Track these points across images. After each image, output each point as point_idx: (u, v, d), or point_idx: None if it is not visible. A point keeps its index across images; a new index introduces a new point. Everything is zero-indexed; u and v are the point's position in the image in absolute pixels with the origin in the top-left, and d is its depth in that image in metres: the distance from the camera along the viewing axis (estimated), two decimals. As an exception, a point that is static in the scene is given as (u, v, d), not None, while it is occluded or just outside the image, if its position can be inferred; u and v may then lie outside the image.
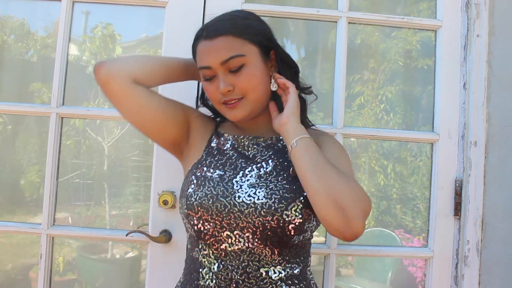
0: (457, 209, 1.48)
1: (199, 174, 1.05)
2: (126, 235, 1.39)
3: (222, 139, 1.12)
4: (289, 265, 1.02)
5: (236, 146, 1.10)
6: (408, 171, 2.40)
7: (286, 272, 1.01)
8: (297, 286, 1.03)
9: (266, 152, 1.08)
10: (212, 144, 1.12)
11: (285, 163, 1.05)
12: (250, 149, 1.09)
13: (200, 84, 1.28)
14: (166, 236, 1.40)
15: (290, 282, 1.02)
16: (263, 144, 1.09)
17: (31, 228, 1.47)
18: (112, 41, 2.04)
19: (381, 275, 2.23)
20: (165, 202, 1.39)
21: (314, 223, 1.04)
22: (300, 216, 0.98)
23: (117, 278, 2.12)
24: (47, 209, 1.44)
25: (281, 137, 1.09)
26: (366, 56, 2.12)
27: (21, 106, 1.51)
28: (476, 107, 1.47)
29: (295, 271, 1.03)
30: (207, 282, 1.01)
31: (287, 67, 1.10)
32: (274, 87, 1.06)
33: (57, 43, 1.44)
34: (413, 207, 2.34)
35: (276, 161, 1.05)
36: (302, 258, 1.05)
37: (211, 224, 1.00)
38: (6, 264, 2.10)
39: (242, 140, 1.11)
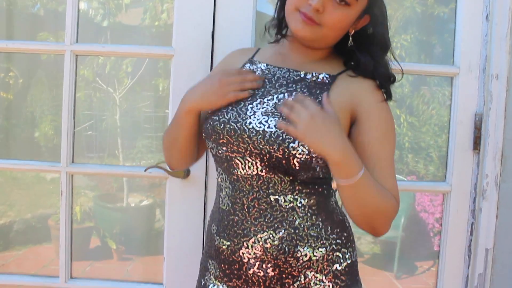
0: (476, 143, 1.44)
1: None
2: (145, 171, 1.38)
3: (255, 66, 1.07)
4: (302, 195, 0.98)
5: (266, 74, 1.05)
6: (420, 122, 2.36)
7: (298, 202, 0.98)
8: (313, 217, 0.98)
9: (294, 86, 1.01)
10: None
11: (310, 98, 0.97)
12: (280, 79, 1.03)
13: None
14: (184, 171, 1.38)
15: (304, 211, 0.98)
16: (295, 78, 1.03)
17: (50, 166, 1.46)
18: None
19: (393, 222, 2.23)
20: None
21: (326, 164, 0.95)
22: (307, 152, 0.93)
23: (133, 225, 2.13)
24: (66, 147, 1.42)
25: (318, 74, 1.02)
26: (381, 2, 2.04)
27: (35, 44, 1.47)
28: (498, 39, 1.41)
29: (311, 201, 0.98)
30: (225, 206, 1.02)
31: (370, 42, 1.02)
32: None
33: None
34: (426, 156, 2.31)
35: (300, 93, 1.00)
36: (320, 189, 1.00)
37: (224, 148, 0.99)
38: (25, 213, 2.12)
39: (274, 70, 1.05)
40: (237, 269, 1.00)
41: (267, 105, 0.98)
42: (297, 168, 0.94)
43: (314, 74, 1.02)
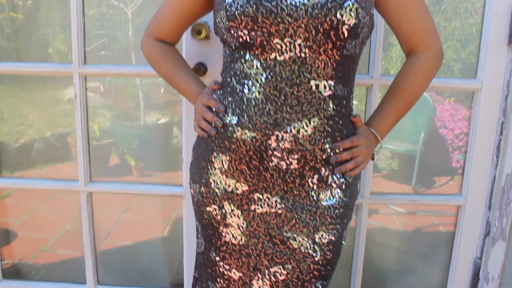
0: (513, 36, 1.29)
1: None
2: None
3: None
4: (339, 84, 0.91)
5: None
6: (442, 38, 2.20)
7: (335, 90, 0.91)
8: (342, 109, 0.94)
9: None
10: None
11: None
12: None
13: None
14: (202, 68, 1.27)
15: (337, 102, 0.92)
16: None
17: (63, 68, 1.36)
18: None
19: (413, 137, 2.13)
20: (199, 32, 1.24)
21: (367, 28, 0.92)
22: (355, 16, 0.85)
23: (151, 143, 2.08)
24: (76, 46, 1.31)
25: None
26: None
27: None
28: None
29: (345, 92, 0.93)
30: (254, 95, 0.90)
31: None
32: None
33: None
34: (447, 69, 2.17)
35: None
36: (348, 80, 0.95)
37: (258, 32, 0.87)
38: (44, 132, 2.07)
39: None
40: (257, 161, 0.93)
41: None
42: (346, 36, 0.86)
43: None
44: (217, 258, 1.03)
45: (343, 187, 0.95)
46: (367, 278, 1.57)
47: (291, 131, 0.89)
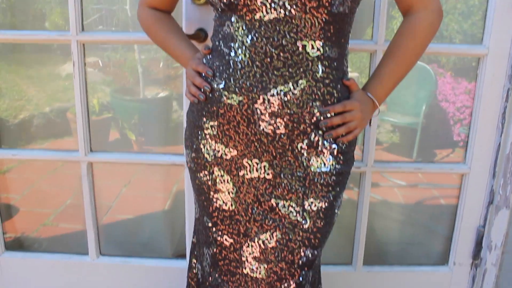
0: (520, -1, 1.25)
1: None
2: (160, 33, 1.23)
3: None
4: (328, 43, 0.87)
5: None
6: (444, 13, 2.16)
7: (324, 51, 0.87)
8: (333, 71, 0.89)
9: None
10: None
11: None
12: None
13: None
14: (202, 34, 1.23)
15: (326, 63, 0.88)
16: None
17: (60, 36, 1.32)
18: None
19: (414, 109, 2.09)
20: (199, -3, 1.20)
21: None
22: None
23: (151, 117, 2.05)
24: (74, 13, 1.27)
25: None
26: None
27: None
28: None
29: (335, 54, 0.89)
30: (240, 57, 0.88)
31: None
32: None
33: None
34: (449, 42, 2.14)
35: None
36: (342, 40, 0.90)
37: None
38: (43, 107, 2.04)
39: None
40: (245, 125, 0.91)
41: None
42: None
43: None
44: (210, 224, 1.01)
45: (335, 153, 0.92)
46: (370, 250, 1.56)
47: (277, 94, 0.87)
